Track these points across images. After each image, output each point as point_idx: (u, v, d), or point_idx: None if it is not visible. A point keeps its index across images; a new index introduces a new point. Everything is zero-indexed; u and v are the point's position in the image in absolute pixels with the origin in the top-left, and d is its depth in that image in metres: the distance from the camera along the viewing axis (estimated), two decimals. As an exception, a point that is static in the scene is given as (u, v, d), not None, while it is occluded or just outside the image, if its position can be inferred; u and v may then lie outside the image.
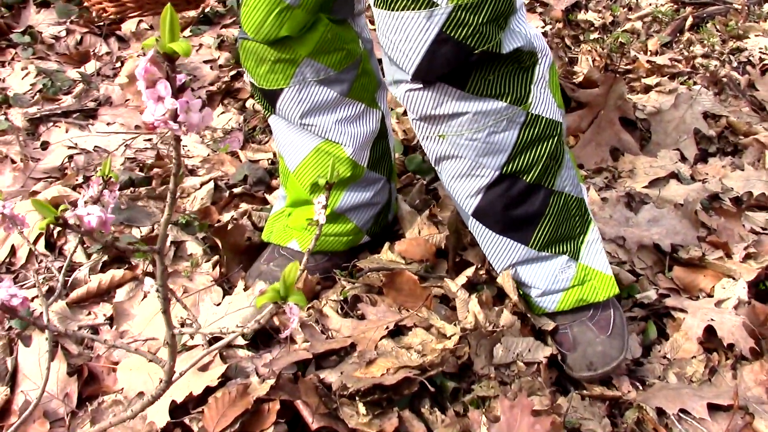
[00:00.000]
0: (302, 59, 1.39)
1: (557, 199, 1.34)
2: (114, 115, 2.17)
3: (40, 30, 2.56)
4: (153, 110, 0.45)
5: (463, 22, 1.12)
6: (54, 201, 1.75)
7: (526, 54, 1.22)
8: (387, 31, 1.19)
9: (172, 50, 0.43)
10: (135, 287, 1.55)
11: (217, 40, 2.55)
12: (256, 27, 1.35)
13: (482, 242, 1.42)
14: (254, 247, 1.70)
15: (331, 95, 1.45)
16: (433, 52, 1.15)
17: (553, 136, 1.29)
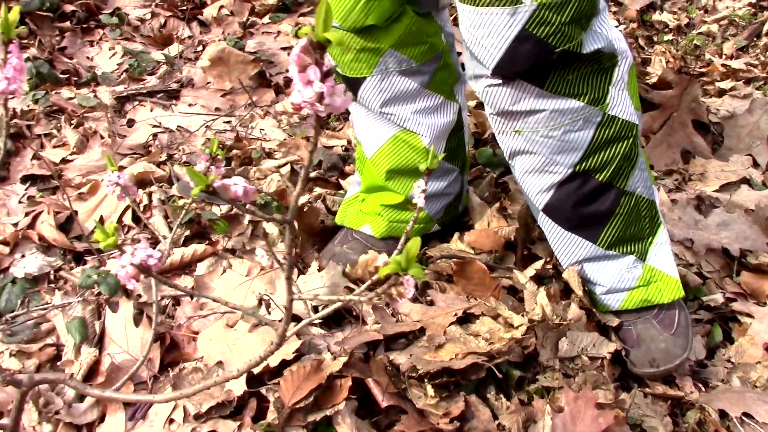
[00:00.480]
0: (386, 50, 1.44)
1: (628, 199, 1.36)
2: (195, 97, 2.26)
3: (126, 12, 2.66)
4: (302, 93, 0.50)
5: (546, 20, 1.15)
6: (140, 176, 1.83)
7: (606, 55, 1.25)
8: (470, 26, 1.22)
9: (324, 39, 0.48)
10: (215, 262, 1.62)
11: (295, 27, 2.61)
12: (344, 14, 1.39)
13: (550, 237, 1.45)
14: (327, 229, 1.75)
15: (412, 86, 1.50)
16: (515, 49, 1.19)
17: (628, 138, 1.31)
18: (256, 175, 1.93)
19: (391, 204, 1.61)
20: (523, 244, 1.64)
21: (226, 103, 2.25)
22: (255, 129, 2.16)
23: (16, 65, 0.76)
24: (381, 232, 1.64)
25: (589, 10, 1.18)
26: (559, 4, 1.14)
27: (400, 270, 0.57)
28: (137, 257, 0.65)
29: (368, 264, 1.60)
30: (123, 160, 1.93)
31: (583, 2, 1.16)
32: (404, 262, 0.56)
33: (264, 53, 2.45)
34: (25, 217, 1.73)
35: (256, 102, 2.27)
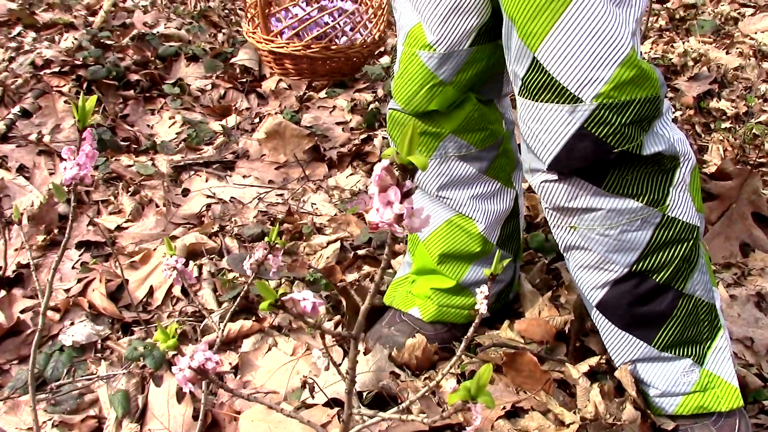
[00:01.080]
0: (446, 134, 1.44)
1: (686, 302, 1.31)
2: (250, 169, 2.29)
3: (188, 83, 2.73)
4: (381, 213, 0.49)
5: (606, 120, 1.14)
6: (191, 247, 1.85)
7: (667, 158, 1.22)
8: (528, 120, 1.22)
9: (408, 162, 0.47)
10: (261, 339, 1.61)
11: (351, 103, 2.65)
12: (407, 98, 1.41)
13: (603, 334, 1.40)
14: (375, 310, 1.73)
15: (470, 171, 1.49)
16: (572, 146, 1.17)
17: (688, 240, 1.27)
18: (305, 251, 1.93)
19: (441, 288, 1.59)
20: (576, 336, 1.59)
21: (280, 176, 2.28)
22: (306, 203, 2.17)
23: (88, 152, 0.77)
24: (430, 316, 1.61)
25: (651, 113, 1.17)
26: (620, 105, 1.13)
27: (469, 398, 0.54)
28: (196, 360, 0.64)
29: (415, 348, 1.57)
30: (176, 230, 1.95)
31: (645, 105, 1.14)
32: (474, 389, 0.53)
33: (319, 128, 2.48)
34: (77, 283, 1.75)
35: (308, 176, 2.29)
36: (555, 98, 1.16)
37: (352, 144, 2.44)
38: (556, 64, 1.14)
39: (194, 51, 2.92)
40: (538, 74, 1.17)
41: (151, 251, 1.83)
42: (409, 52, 1.39)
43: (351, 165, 2.36)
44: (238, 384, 1.51)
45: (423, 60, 1.37)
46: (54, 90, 2.52)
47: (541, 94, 1.18)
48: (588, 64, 1.12)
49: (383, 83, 2.84)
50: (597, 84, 1.13)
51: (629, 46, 1.12)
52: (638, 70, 1.13)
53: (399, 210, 0.49)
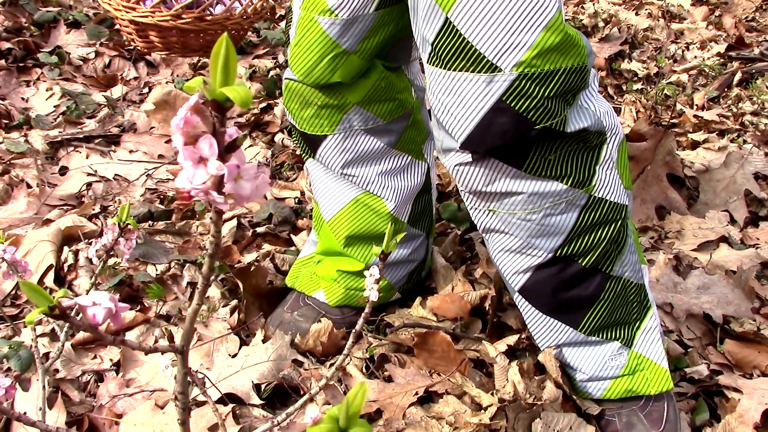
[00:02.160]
0: (351, 106, 1.30)
1: (614, 284, 1.20)
2: (137, 143, 2.08)
3: (68, 51, 2.49)
4: (191, 175, 0.34)
5: (527, 93, 1.00)
6: (68, 231, 1.65)
7: (593, 134, 1.10)
8: (439, 92, 1.07)
9: (224, 97, 0.33)
10: (146, 331, 1.44)
11: (249, 70, 2.47)
12: (306, 70, 1.26)
13: (527, 318, 1.29)
14: (276, 291, 1.59)
15: (378, 146, 1.36)
16: (489, 122, 1.03)
17: (616, 220, 1.16)
18: (198, 230, 1.75)
19: (349, 270, 1.45)
20: (494, 312, 1.49)
21: (171, 150, 2.08)
22: (201, 178, 1.99)
23: None
24: (336, 300, 1.47)
25: (577, 85, 1.03)
26: (544, 75, 0.99)
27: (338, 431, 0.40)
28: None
29: (320, 333, 1.43)
30: (51, 213, 1.74)
31: (570, 75, 1.01)
32: (343, 420, 0.39)
33: (214, 97, 2.29)
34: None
35: (203, 149, 2.10)
36: (470, 66, 1.01)
37: (251, 113, 2.26)
38: (471, 26, 0.99)
39: (75, 17, 2.66)
40: (451, 38, 1.02)
41: (21, 237, 1.63)
42: (307, 17, 1.22)
43: (249, 136, 2.19)
44: (121, 383, 1.34)
45: (323, 27, 1.20)
46: None
47: (453, 61, 1.03)
48: (508, 28, 0.98)
49: (284, 48, 2.65)
50: (518, 50, 0.99)
51: (555, 7, 0.98)
52: (564, 35, 0.99)
53: (217, 170, 0.34)
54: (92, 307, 0.40)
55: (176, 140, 0.35)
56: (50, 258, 1.55)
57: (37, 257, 1.56)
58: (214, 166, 0.34)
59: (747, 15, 3.36)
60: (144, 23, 1.44)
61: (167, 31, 1.45)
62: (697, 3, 3.50)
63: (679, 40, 3.17)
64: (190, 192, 0.35)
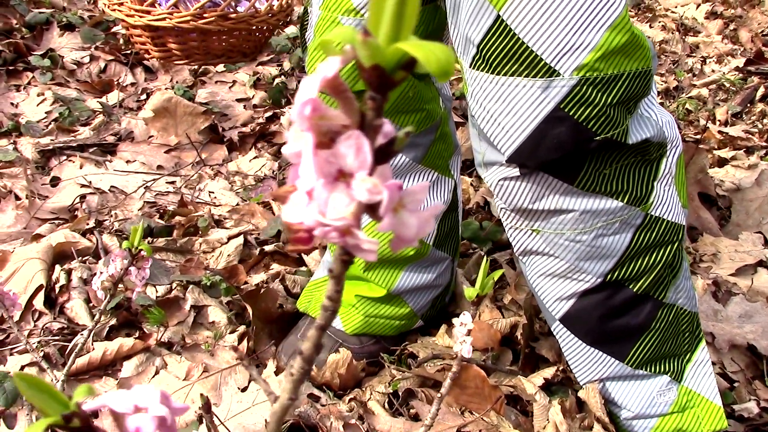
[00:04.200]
0: None
1: (667, 312, 1.08)
2: (135, 153, 1.95)
3: (61, 54, 2.35)
4: (323, 201, 0.21)
5: (588, 99, 0.89)
6: (59, 248, 1.51)
7: (653, 146, 0.98)
8: (484, 100, 0.96)
9: (396, 61, 0.19)
10: (146, 360, 1.30)
11: (253, 77, 2.34)
12: None
13: (567, 350, 1.17)
14: (286, 316, 1.46)
15: (403, 161, 1.24)
16: (543, 133, 0.92)
17: (672, 242, 1.04)
18: (202, 248, 1.62)
19: (369, 296, 1.32)
20: (527, 341, 1.36)
21: (171, 161, 1.95)
22: (203, 191, 1.85)
23: None
24: (354, 328, 1.34)
25: (640, 91, 0.92)
26: (607, 79, 0.88)
27: None
28: None
29: (339, 365, 1.30)
30: (41, 227, 1.60)
31: (635, 80, 0.90)
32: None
33: (217, 105, 2.16)
34: None
35: (205, 160, 1.97)
36: (523, 70, 0.90)
37: (256, 123, 2.13)
38: (528, 25, 0.88)
39: (69, 19, 2.53)
40: (502, 39, 0.90)
41: (9, 253, 1.48)
42: (329, 17, 1.11)
43: (255, 147, 2.05)
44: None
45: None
46: None
47: (504, 65, 0.91)
48: (570, 27, 0.86)
49: (289, 55, 2.53)
50: (580, 52, 0.87)
51: (621, 4, 0.87)
52: (630, 35, 0.88)
53: (371, 193, 0.20)
54: (136, 417, 0.26)
55: (298, 140, 0.21)
56: (40, 278, 1.41)
57: (25, 277, 1.42)
58: (365, 187, 0.20)
59: (763, 29, 3.27)
60: (161, 28, 1.29)
61: (187, 34, 1.30)
62: (711, 16, 3.40)
63: (694, 53, 3.07)
64: (313, 229, 0.22)
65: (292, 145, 0.21)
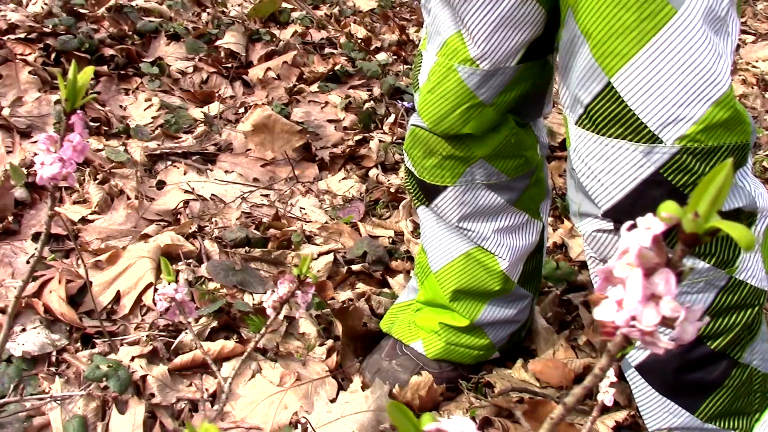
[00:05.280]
0: (476, 160, 1.26)
1: (741, 371, 1.13)
2: (233, 164, 2.07)
3: (168, 63, 2.50)
4: (638, 312, 0.30)
5: (687, 167, 0.95)
6: (166, 249, 1.63)
7: (744, 214, 1.04)
8: (586, 156, 1.03)
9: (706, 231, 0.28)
10: (243, 363, 1.40)
11: (345, 100, 2.45)
12: (437, 118, 1.22)
13: (639, 397, 1.22)
14: (370, 335, 1.54)
15: (497, 202, 1.32)
16: (640, 193, 0.99)
17: (753, 305, 1.10)
18: (294, 261, 1.72)
19: (452, 325, 1.41)
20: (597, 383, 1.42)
21: (266, 174, 2.07)
22: (294, 207, 1.96)
23: (77, 144, 0.56)
24: (435, 353, 1.43)
25: (737, 162, 0.98)
26: (707, 150, 0.94)
27: None
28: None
29: (420, 387, 1.38)
30: (148, 228, 1.73)
31: (733, 153, 0.96)
32: None
33: (310, 124, 2.28)
34: (32, 281, 1.52)
35: (298, 177, 2.08)
36: (628, 135, 0.97)
37: (346, 145, 2.24)
38: (636, 94, 0.95)
39: (176, 29, 2.68)
40: (611, 103, 0.97)
41: (120, 250, 1.61)
42: (445, 64, 1.18)
43: (344, 168, 2.16)
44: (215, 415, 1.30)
45: (462, 76, 1.17)
46: (18, 58, 2.26)
47: (609, 127, 0.98)
48: (676, 99, 0.93)
49: (379, 81, 2.64)
50: (683, 123, 0.94)
51: (727, 82, 0.94)
52: (733, 111, 0.94)
53: (672, 312, 0.29)
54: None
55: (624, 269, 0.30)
56: (150, 276, 1.53)
57: (136, 273, 1.54)
58: (670, 308, 0.29)
59: None
60: None
61: None
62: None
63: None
64: (621, 328, 0.31)
65: (619, 271, 0.30)
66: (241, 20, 2.84)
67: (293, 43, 2.79)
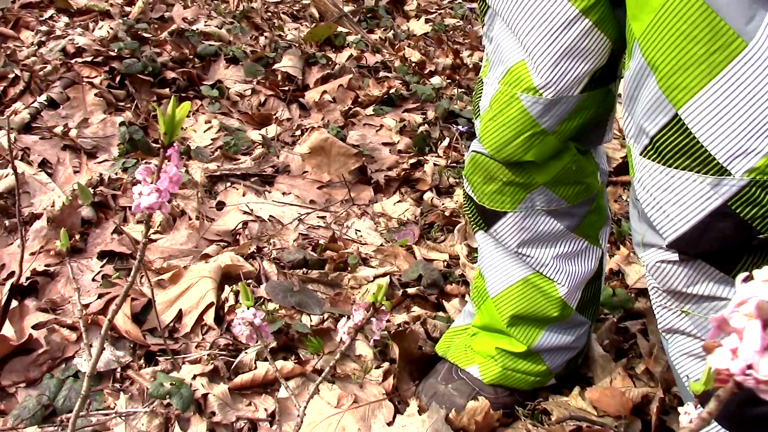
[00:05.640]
0: (537, 186, 1.27)
1: None
2: (290, 186, 2.10)
3: (227, 86, 2.56)
4: (755, 362, 0.31)
5: (756, 200, 0.94)
6: (227, 270, 1.66)
7: None
8: (652, 187, 1.02)
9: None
10: (302, 384, 1.42)
11: (399, 124, 2.47)
12: (498, 145, 1.22)
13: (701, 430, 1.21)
14: (426, 358, 1.55)
15: (557, 228, 1.32)
16: (707, 225, 0.97)
17: None
18: (350, 283, 1.74)
19: (509, 350, 1.41)
20: (659, 414, 1.40)
21: (322, 197, 2.10)
22: (350, 229, 1.99)
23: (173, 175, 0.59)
24: (491, 378, 1.42)
25: None
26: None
27: None
28: None
29: (476, 412, 1.38)
30: (209, 248, 1.77)
31: None
32: None
33: (365, 147, 2.30)
34: (98, 299, 1.57)
35: (353, 199, 2.10)
36: (695, 166, 0.95)
37: (401, 168, 2.26)
38: (705, 126, 0.93)
39: (234, 52, 2.74)
40: (678, 135, 0.96)
41: (182, 269, 1.65)
42: (508, 92, 1.19)
43: (399, 191, 2.18)
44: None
45: (525, 104, 1.17)
46: (84, 81, 2.34)
47: (676, 158, 0.97)
48: (746, 132, 0.92)
49: (433, 105, 2.66)
50: (753, 156, 0.92)
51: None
52: None
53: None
54: None
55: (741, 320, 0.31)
56: (211, 295, 1.56)
57: (198, 292, 1.57)
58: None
59: None
60: None
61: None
62: None
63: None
64: (736, 376, 0.31)
65: (736, 322, 0.31)
66: (297, 44, 2.90)
67: (349, 67, 2.83)
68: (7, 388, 1.38)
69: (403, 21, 3.66)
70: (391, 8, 3.70)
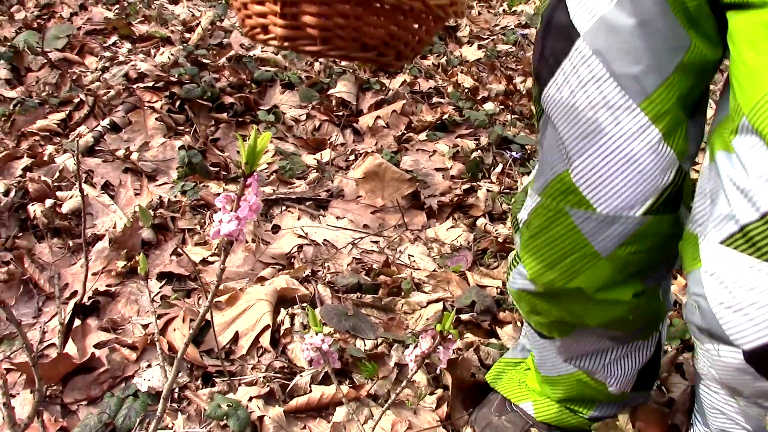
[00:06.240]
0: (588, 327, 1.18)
1: None
2: (344, 210, 2.12)
3: (283, 111, 2.60)
4: None
5: None
6: (282, 293, 1.68)
7: None
8: (733, 283, 0.85)
9: None
10: (356, 408, 1.42)
11: (452, 149, 2.48)
12: (542, 268, 1.09)
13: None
14: (478, 386, 1.54)
15: (609, 345, 1.25)
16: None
17: None
18: (403, 309, 1.74)
19: None
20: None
21: (376, 221, 2.11)
22: (403, 254, 1.99)
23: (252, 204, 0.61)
24: (545, 418, 1.40)
25: None
26: None
27: None
28: None
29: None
30: (264, 270, 1.79)
31: None
32: None
33: (418, 172, 2.32)
34: (158, 320, 1.60)
35: (407, 224, 2.11)
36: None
37: (454, 194, 2.26)
38: None
39: (290, 78, 2.79)
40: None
41: (238, 292, 1.67)
42: (552, 207, 1.05)
43: (452, 216, 2.18)
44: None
45: (575, 221, 1.03)
46: (146, 105, 2.41)
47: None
48: None
49: (486, 131, 2.66)
50: None
51: None
52: None
53: None
54: None
55: None
56: (267, 318, 1.58)
57: (255, 315, 1.59)
58: None
59: None
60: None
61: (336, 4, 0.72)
62: None
63: None
64: None
65: None
66: (351, 70, 2.93)
67: (402, 93, 2.85)
68: (69, 405, 1.41)
69: (455, 47, 3.68)
70: (444, 34, 3.72)
